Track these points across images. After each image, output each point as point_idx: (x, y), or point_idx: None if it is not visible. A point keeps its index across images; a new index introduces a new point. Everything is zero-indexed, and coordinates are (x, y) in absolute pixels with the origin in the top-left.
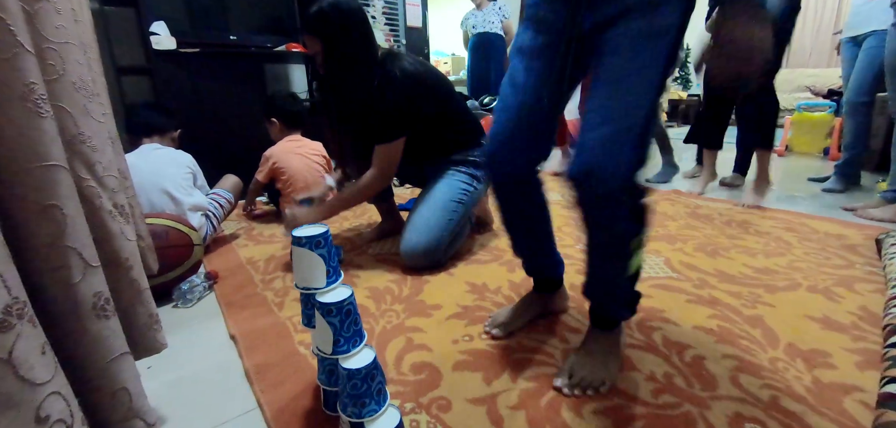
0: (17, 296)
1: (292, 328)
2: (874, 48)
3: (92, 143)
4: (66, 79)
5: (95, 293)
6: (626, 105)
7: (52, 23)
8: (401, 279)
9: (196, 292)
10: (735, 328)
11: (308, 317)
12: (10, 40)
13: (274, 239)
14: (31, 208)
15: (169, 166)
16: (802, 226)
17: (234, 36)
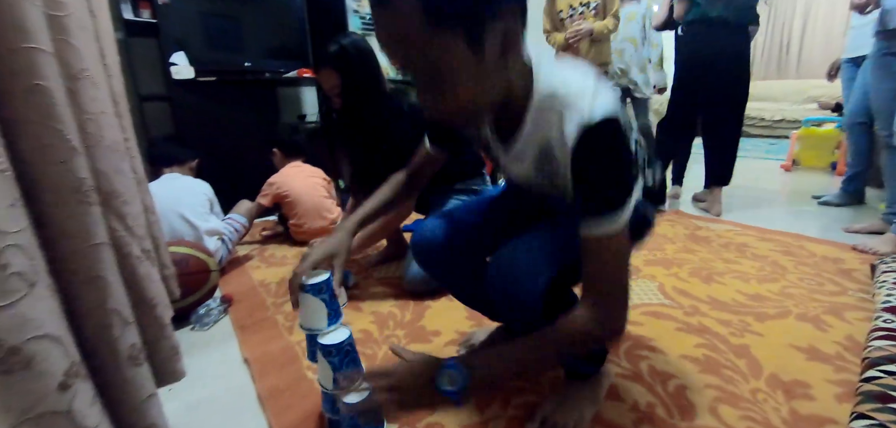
0: (74, 359)
1: (301, 353)
2: None
3: (123, 198)
4: (103, 144)
5: (131, 345)
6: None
7: (89, 95)
8: (403, 304)
9: (212, 316)
10: (721, 358)
11: (312, 353)
12: (66, 146)
13: (285, 261)
14: (82, 280)
15: (187, 194)
16: (800, 249)
17: (249, 62)
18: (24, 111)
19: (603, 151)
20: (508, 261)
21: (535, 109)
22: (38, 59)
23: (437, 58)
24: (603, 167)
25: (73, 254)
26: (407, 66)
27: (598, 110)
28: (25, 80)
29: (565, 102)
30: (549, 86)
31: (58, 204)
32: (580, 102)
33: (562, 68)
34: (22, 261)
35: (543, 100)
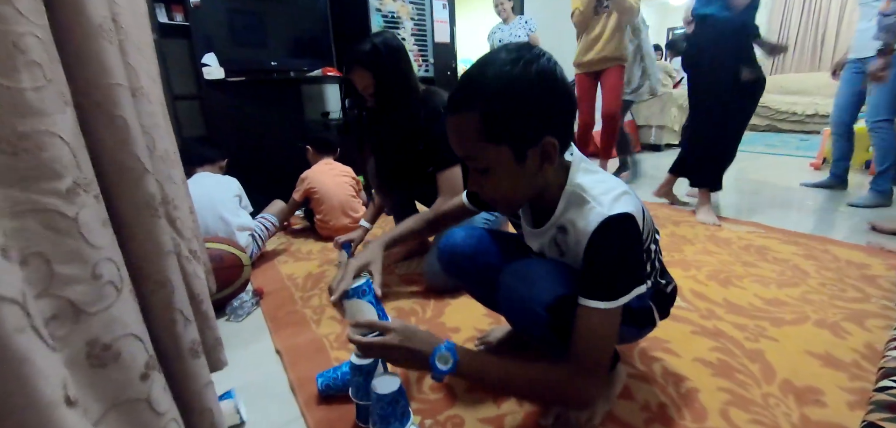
0: (151, 353)
1: (328, 345)
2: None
3: (175, 203)
4: (156, 155)
5: (192, 340)
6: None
7: (146, 111)
8: (424, 301)
9: (245, 308)
10: (734, 362)
11: (357, 386)
12: (140, 167)
13: (311, 256)
14: (153, 284)
15: (220, 192)
16: (824, 253)
17: (275, 62)
18: (107, 139)
19: (614, 241)
20: (522, 268)
21: (564, 201)
22: (118, 94)
23: (487, 160)
24: (611, 256)
25: (146, 260)
26: (465, 157)
27: (619, 207)
28: (108, 111)
29: (592, 196)
30: (581, 184)
31: (133, 217)
32: (604, 198)
33: (595, 172)
34: (112, 270)
35: (573, 194)
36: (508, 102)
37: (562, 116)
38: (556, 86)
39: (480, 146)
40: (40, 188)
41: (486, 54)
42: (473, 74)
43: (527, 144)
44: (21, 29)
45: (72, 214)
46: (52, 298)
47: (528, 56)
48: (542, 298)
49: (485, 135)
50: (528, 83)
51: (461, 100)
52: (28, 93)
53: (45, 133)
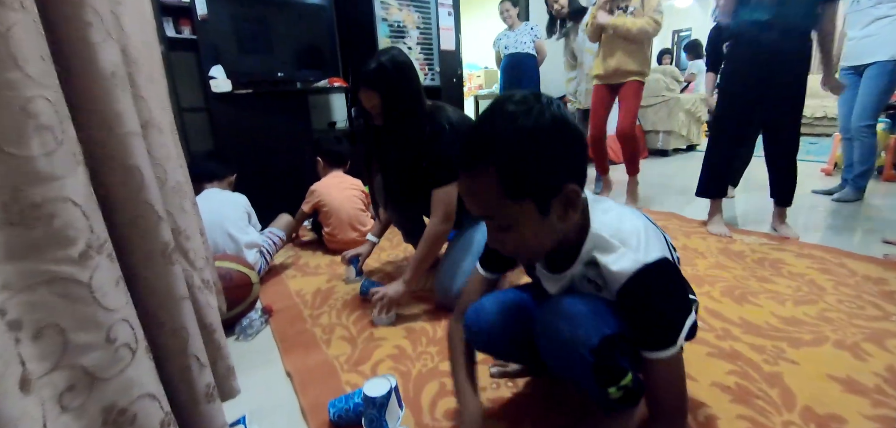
0: (167, 410)
1: (339, 367)
2: (877, 77)
3: (187, 234)
4: (168, 186)
5: (207, 384)
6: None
7: (157, 142)
8: (436, 320)
9: (255, 327)
10: (753, 386)
11: (370, 419)
12: (154, 216)
13: (319, 270)
14: (168, 331)
15: (228, 208)
16: (840, 267)
17: (281, 73)
18: (119, 189)
19: (657, 288)
20: (563, 307)
21: (590, 243)
22: (131, 143)
23: (510, 217)
24: (658, 304)
25: (161, 308)
26: (484, 217)
27: (654, 252)
28: (121, 161)
29: (620, 239)
30: (602, 226)
31: (147, 267)
32: (633, 240)
33: (610, 208)
34: (126, 332)
35: (598, 238)
36: (527, 154)
37: (579, 161)
38: (570, 131)
39: (501, 204)
40: (53, 257)
41: (492, 106)
42: (485, 129)
43: (550, 195)
44: (30, 93)
45: (85, 279)
46: (67, 369)
47: (537, 104)
48: (588, 340)
49: (505, 192)
50: (544, 132)
51: (475, 157)
52: (39, 160)
53: (56, 200)
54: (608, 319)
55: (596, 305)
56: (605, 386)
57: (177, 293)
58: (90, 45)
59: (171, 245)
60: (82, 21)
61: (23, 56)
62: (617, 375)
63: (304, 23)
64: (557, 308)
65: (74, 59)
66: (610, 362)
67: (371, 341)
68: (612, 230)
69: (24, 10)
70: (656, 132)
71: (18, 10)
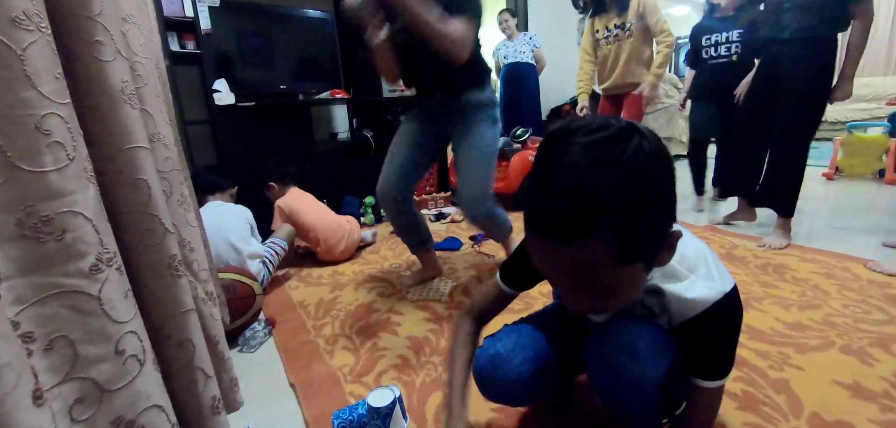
0: (174, 421)
1: (342, 378)
2: None
3: (191, 246)
4: (173, 199)
5: (212, 396)
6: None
7: (162, 156)
8: (439, 329)
9: (258, 338)
10: (759, 393)
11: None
12: (161, 229)
13: (321, 280)
14: (174, 344)
15: (231, 220)
16: (844, 271)
17: (284, 85)
18: (127, 203)
19: (733, 320)
20: (627, 339)
21: (650, 276)
22: (139, 156)
23: (618, 282)
24: (729, 336)
25: (168, 321)
26: (584, 288)
27: (727, 279)
28: (129, 176)
29: (687, 266)
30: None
31: (155, 280)
32: (702, 268)
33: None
34: (135, 344)
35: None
36: (642, 213)
37: (675, 196)
38: (671, 166)
39: (613, 272)
40: (64, 270)
41: (579, 143)
42: (587, 188)
43: (656, 253)
44: (44, 111)
45: (95, 291)
46: (76, 381)
47: (636, 141)
48: (655, 376)
49: (619, 259)
50: (653, 180)
51: (584, 225)
52: (51, 175)
53: (68, 214)
54: (667, 349)
55: (652, 333)
56: (664, 418)
57: (183, 306)
58: (100, 63)
59: (177, 258)
60: (93, 40)
61: (38, 75)
62: (676, 405)
63: (306, 36)
64: (616, 340)
65: (85, 76)
66: (674, 395)
67: (374, 352)
68: (677, 256)
69: (40, 31)
70: None
71: (34, 31)
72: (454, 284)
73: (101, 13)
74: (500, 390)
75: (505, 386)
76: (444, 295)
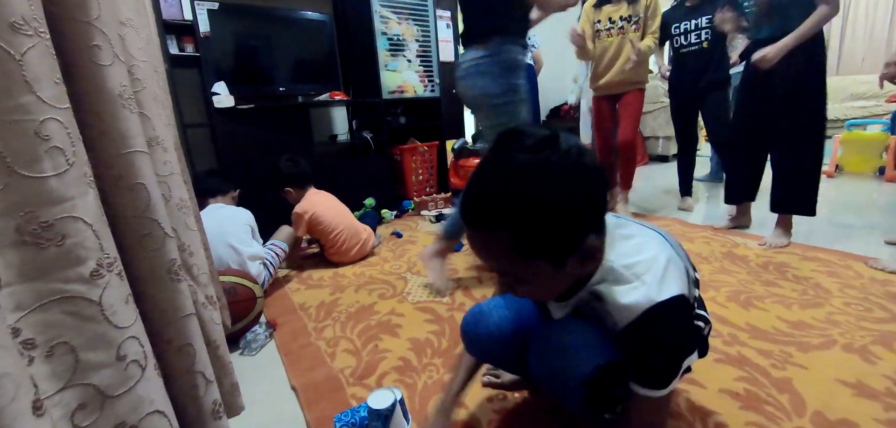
0: (176, 427)
1: (344, 381)
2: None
3: (191, 250)
4: (172, 203)
5: (213, 401)
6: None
7: (161, 160)
8: (440, 330)
9: (259, 341)
10: (762, 392)
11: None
12: (160, 234)
13: (322, 283)
14: (174, 349)
15: (231, 223)
16: (846, 269)
17: (283, 87)
18: (126, 208)
19: (664, 330)
20: (554, 336)
21: (600, 274)
22: (138, 161)
23: (522, 274)
24: (662, 346)
25: (168, 326)
26: (494, 270)
27: (667, 290)
28: (128, 180)
29: (635, 273)
30: (619, 255)
31: (154, 285)
32: (649, 276)
33: (632, 234)
34: (136, 349)
35: (611, 270)
36: (541, 217)
37: (598, 207)
38: (589, 179)
39: (513, 263)
40: (65, 276)
41: (500, 152)
42: (494, 187)
43: (566, 252)
44: (43, 116)
45: (96, 297)
46: (78, 387)
47: (553, 154)
48: (579, 371)
49: (518, 253)
50: (561, 189)
51: (485, 217)
52: (51, 180)
53: (67, 219)
54: (602, 348)
55: (590, 333)
56: (599, 413)
57: (183, 310)
58: (98, 67)
59: (177, 262)
60: (91, 44)
61: (37, 80)
62: (611, 402)
63: (305, 38)
64: (550, 339)
65: (83, 80)
66: (602, 392)
67: (376, 354)
68: (628, 260)
69: (39, 36)
70: (656, 138)
71: (33, 36)
72: (454, 284)
73: (98, 17)
74: (482, 343)
75: (486, 337)
76: (445, 296)
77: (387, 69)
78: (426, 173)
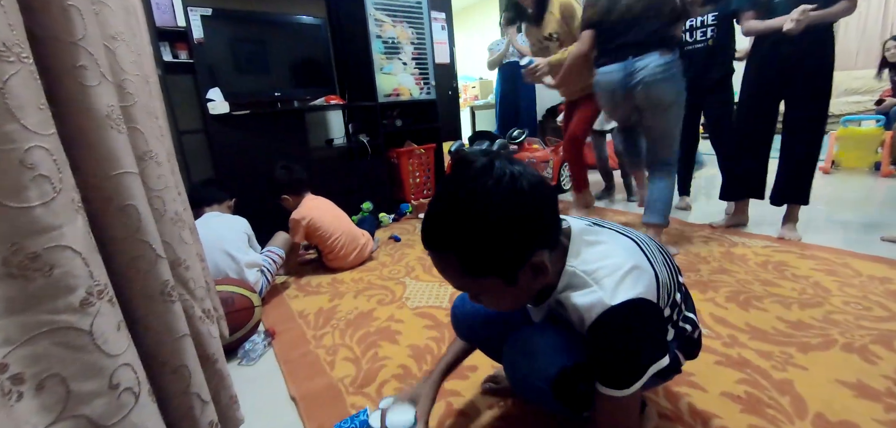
0: None
1: (344, 390)
2: None
3: (186, 264)
4: (166, 217)
5: (210, 422)
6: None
7: (155, 174)
8: (440, 337)
9: (257, 350)
10: (763, 395)
11: None
12: (152, 255)
13: (320, 289)
14: (169, 371)
15: (228, 231)
16: (844, 267)
17: (278, 92)
18: (117, 230)
19: (619, 331)
20: (524, 339)
21: (564, 281)
22: (128, 182)
23: (477, 288)
24: (618, 347)
25: (161, 348)
26: (455, 286)
27: (622, 294)
28: (118, 202)
29: (595, 278)
30: (582, 260)
31: (147, 308)
32: (607, 281)
33: (599, 242)
34: (129, 376)
35: (573, 275)
36: (482, 240)
37: (545, 223)
38: (533, 200)
39: (466, 280)
40: (53, 307)
41: (449, 180)
42: (440, 214)
43: (514, 268)
44: (28, 144)
45: (86, 326)
46: (70, 420)
47: (490, 180)
48: (545, 372)
49: (465, 271)
50: (500, 213)
51: (434, 241)
52: (37, 209)
53: (55, 249)
54: (568, 351)
55: (558, 337)
56: (577, 412)
57: (177, 332)
58: (84, 88)
59: (170, 283)
60: (76, 65)
61: (20, 108)
62: (582, 401)
63: (300, 42)
64: (519, 344)
65: (69, 102)
66: (570, 392)
67: (375, 362)
68: (589, 267)
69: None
70: None
71: (15, 62)
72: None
73: (84, 37)
74: (468, 322)
75: (472, 317)
76: (444, 301)
77: (382, 72)
78: (423, 176)
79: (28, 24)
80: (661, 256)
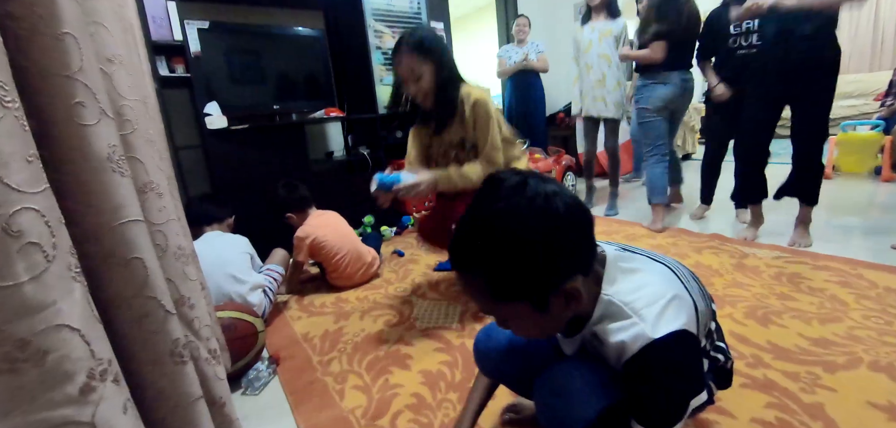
0: None
1: (355, 422)
2: None
3: (191, 303)
4: (169, 252)
5: None
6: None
7: (156, 207)
8: (452, 361)
9: (262, 379)
10: (795, 420)
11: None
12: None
13: (324, 309)
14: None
15: (230, 252)
16: (858, 278)
17: (277, 105)
18: (122, 287)
19: (662, 368)
20: (558, 380)
21: (599, 311)
22: (131, 232)
23: (506, 314)
24: (661, 384)
25: (173, 412)
26: (482, 310)
27: (664, 326)
28: (121, 256)
29: (634, 309)
30: (619, 290)
31: (156, 370)
32: (648, 312)
33: (635, 269)
34: None
35: (610, 304)
36: (513, 262)
37: (580, 248)
38: (565, 222)
39: (494, 305)
40: (50, 400)
41: (480, 198)
42: (469, 234)
43: (546, 293)
44: (14, 208)
45: (87, 417)
46: None
47: (523, 200)
48: (583, 415)
49: (496, 296)
50: (534, 235)
51: (462, 262)
52: (25, 287)
53: (49, 330)
54: (605, 391)
55: (594, 374)
56: None
57: (189, 396)
58: (82, 128)
59: (181, 341)
60: (73, 102)
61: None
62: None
63: (298, 54)
64: (552, 383)
65: (65, 146)
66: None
67: (387, 390)
68: (627, 297)
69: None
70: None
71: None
72: (462, 308)
73: (81, 69)
74: (493, 359)
75: (497, 353)
76: (454, 320)
77: (382, 84)
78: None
79: (14, 59)
80: (696, 284)
